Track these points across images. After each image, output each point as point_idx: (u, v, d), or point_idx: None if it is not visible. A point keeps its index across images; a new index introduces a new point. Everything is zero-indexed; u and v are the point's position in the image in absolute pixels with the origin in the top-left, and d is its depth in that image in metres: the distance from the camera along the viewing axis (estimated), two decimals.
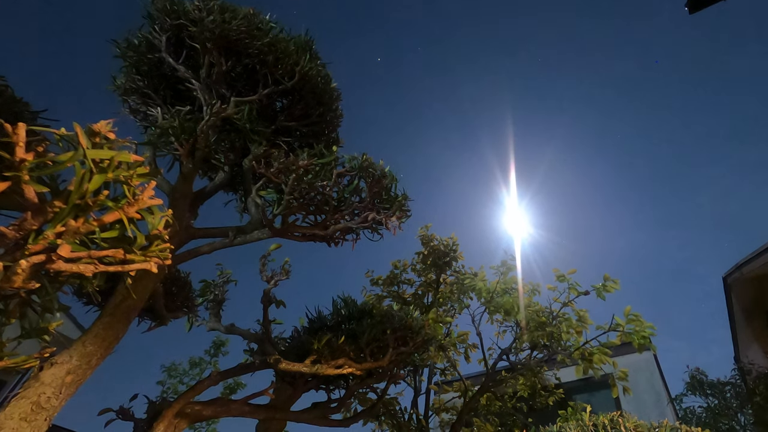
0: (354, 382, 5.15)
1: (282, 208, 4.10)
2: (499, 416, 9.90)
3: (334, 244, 4.64)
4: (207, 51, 4.10)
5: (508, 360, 8.50)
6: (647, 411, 10.16)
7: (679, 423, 3.67)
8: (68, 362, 2.88)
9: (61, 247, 1.93)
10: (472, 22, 21.53)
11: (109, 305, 3.33)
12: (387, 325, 4.84)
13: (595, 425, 3.58)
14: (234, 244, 4.28)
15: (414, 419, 8.62)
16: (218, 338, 14.90)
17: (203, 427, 13.54)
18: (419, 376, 9.16)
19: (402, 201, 4.40)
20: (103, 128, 2.07)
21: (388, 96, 26.02)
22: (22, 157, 1.83)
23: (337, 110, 4.95)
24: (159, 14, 4.14)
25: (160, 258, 2.31)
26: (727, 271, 9.89)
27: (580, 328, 7.71)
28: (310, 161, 3.95)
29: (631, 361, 10.20)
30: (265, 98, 4.40)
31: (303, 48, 4.40)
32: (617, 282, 7.39)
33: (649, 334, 6.96)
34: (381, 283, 10.03)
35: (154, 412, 3.96)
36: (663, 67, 21.80)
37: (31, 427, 2.53)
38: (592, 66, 23.15)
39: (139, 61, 4.37)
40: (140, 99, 4.46)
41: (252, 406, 4.53)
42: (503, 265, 8.61)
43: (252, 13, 4.19)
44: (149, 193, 2.21)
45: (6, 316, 2.32)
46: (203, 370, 14.52)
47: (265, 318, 4.84)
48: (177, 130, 4.01)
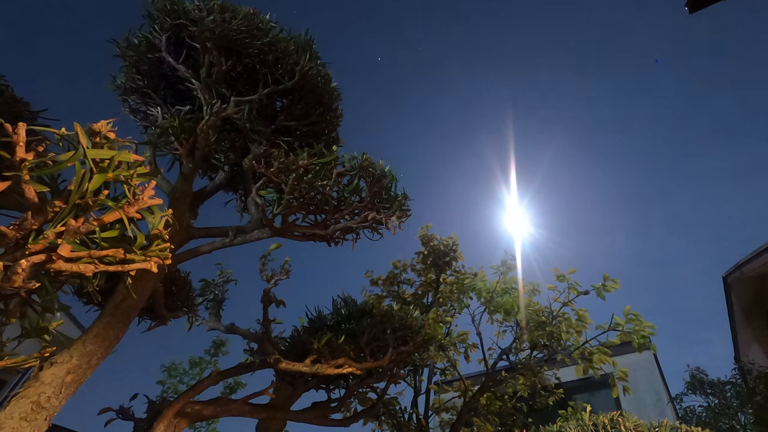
0: (354, 381, 5.15)
1: (282, 208, 4.11)
2: (499, 416, 9.90)
3: (334, 243, 4.64)
4: (207, 50, 4.10)
5: (508, 360, 8.50)
6: (647, 410, 10.17)
7: (679, 422, 3.68)
8: (68, 362, 2.88)
9: (61, 247, 1.93)
10: (472, 21, 21.52)
11: (109, 305, 3.33)
12: (387, 324, 4.85)
13: (595, 425, 3.58)
14: (234, 244, 4.28)
15: (414, 419, 8.62)
16: (218, 338, 14.91)
17: (203, 426, 13.54)
18: (419, 376, 9.16)
19: (402, 200, 4.40)
20: (103, 128, 2.07)
21: (388, 95, 26.00)
22: (23, 156, 1.83)
23: (337, 110, 4.95)
24: (159, 14, 4.15)
25: (160, 257, 2.32)
26: (727, 270, 9.89)
27: (579, 328, 7.71)
28: (310, 161, 3.95)
29: (631, 360, 10.20)
30: (265, 98, 4.40)
31: (303, 48, 4.40)
32: (617, 281, 7.39)
33: (649, 334, 6.96)
34: (381, 283, 10.03)
35: (154, 411, 3.96)
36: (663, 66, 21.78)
37: (32, 427, 2.53)
38: (592, 64, 23.14)
39: (139, 60, 4.37)
40: (140, 98, 4.46)
41: (252, 406, 4.53)
42: (503, 265, 8.61)
43: (252, 12, 4.19)
44: (149, 192, 2.21)
45: (6, 315, 2.32)
46: (203, 370, 14.52)
47: (265, 317, 4.84)
48: (177, 130, 4.01)
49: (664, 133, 24.91)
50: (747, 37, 20.24)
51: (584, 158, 25.48)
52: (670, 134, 25.22)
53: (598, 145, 26.98)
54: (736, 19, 18.35)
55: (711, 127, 24.54)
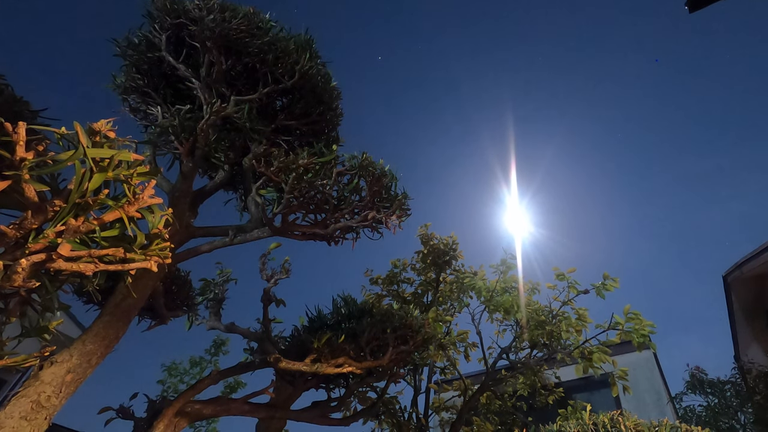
0: (354, 380, 5.15)
1: (282, 207, 4.11)
2: (499, 415, 9.90)
3: (334, 242, 4.64)
4: (207, 50, 4.10)
5: (507, 359, 8.50)
6: (647, 410, 10.16)
7: (679, 422, 3.68)
8: (68, 361, 2.88)
9: (61, 246, 1.94)
10: (472, 19, 21.51)
11: (109, 304, 3.34)
12: (387, 324, 4.85)
13: (595, 424, 3.58)
14: (234, 243, 4.29)
15: (414, 418, 8.63)
16: (218, 337, 14.89)
17: (203, 426, 13.53)
18: (419, 375, 9.16)
19: (402, 200, 4.41)
20: (103, 127, 2.07)
21: (388, 94, 25.99)
22: (23, 155, 1.83)
23: (337, 109, 4.95)
24: (159, 13, 4.15)
25: (160, 257, 2.32)
26: (727, 269, 9.89)
27: (579, 327, 7.71)
28: (310, 160, 3.96)
29: (630, 359, 10.20)
30: (265, 97, 4.40)
31: (303, 47, 4.40)
32: (617, 280, 7.38)
33: (649, 333, 6.95)
34: (381, 282, 10.02)
35: (154, 410, 3.96)
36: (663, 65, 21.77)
37: (32, 426, 2.53)
38: (593, 64, 23.12)
39: (139, 59, 4.37)
40: (140, 98, 4.46)
41: (252, 405, 4.53)
42: (503, 264, 8.60)
43: (252, 11, 4.19)
44: (149, 192, 2.21)
45: (6, 314, 2.32)
46: (203, 369, 14.50)
47: (265, 317, 4.84)
48: (177, 129, 4.01)
49: (665, 132, 24.91)
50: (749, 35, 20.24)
51: (585, 157, 25.48)
52: (672, 132, 25.22)
53: (598, 144, 26.99)
54: (736, 17, 18.34)
55: (713, 125, 24.54)
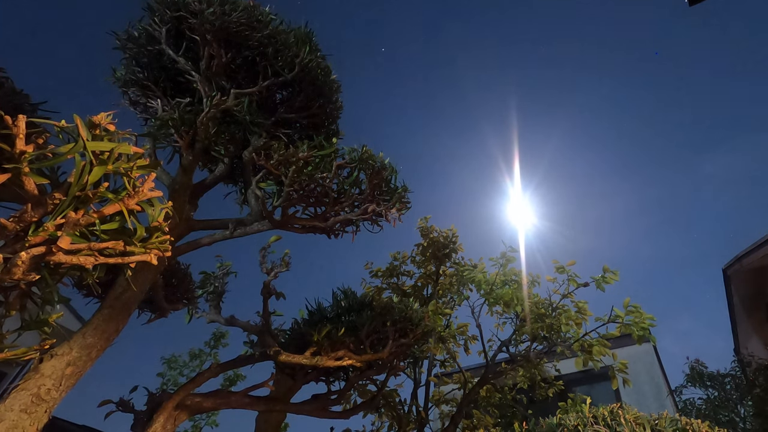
0: (354, 373, 5.16)
1: (282, 200, 4.10)
2: (499, 408, 9.93)
3: (334, 236, 4.64)
4: (207, 43, 4.08)
5: (507, 352, 8.51)
6: (647, 403, 10.19)
7: (679, 415, 3.69)
8: (68, 354, 2.88)
9: (61, 239, 1.93)
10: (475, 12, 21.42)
11: (109, 297, 3.34)
12: (387, 316, 4.85)
13: (595, 417, 3.59)
14: (234, 236, 4.29)
15: (414, 411, 8.65)
16: (218, 330, 14.89)
17: (203, 419, 13.58)
18: (419, 368, 9.17)
19: (402, 193, 4.40)
20: (103, 120, 2.06)
21: (390, 87, 25.92)
22: (22, 148, 1.83)
23: (337, 102, 4.94)
24: (159, 6, 4.12)
25: (160, 250, 2.32)
26: (727, 262, 9.90)
27: (579, 320, 7.71)
28: (310, 153, 3.95)
29: (630, 352, 10.21)
30: (265, 90, 4.39)
31: (303, 40, 4.39)
32: (616, 273, 7.38)
33: (649, 326, 6.96)
34: (380, 275, 10.02)
35: (154, 403, 3.98)
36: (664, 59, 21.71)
37: (31, 419, 2.54)
38: (595, 57, 23.06)
39: (139, 53, 4.35)
40: (140, 91, 4.44)
41: (252, 398, 4.55)
42: (503, 257, 8.60)
43: (252, 4, 4.17)
44: (149, 185, 2.20)
45: (6, 307, 2.32)
46: (203, 362, 14.51)
47: (265, 310, 4.85)
48: (177, 122, 4.00)
49: (668, 126, 24.88)
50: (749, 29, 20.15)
51: (589, 149, 25.46)
52: (674, 125, 25.19)
53: (601, 136, 26.95)
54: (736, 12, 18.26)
55: (714, 118, 24.51)
